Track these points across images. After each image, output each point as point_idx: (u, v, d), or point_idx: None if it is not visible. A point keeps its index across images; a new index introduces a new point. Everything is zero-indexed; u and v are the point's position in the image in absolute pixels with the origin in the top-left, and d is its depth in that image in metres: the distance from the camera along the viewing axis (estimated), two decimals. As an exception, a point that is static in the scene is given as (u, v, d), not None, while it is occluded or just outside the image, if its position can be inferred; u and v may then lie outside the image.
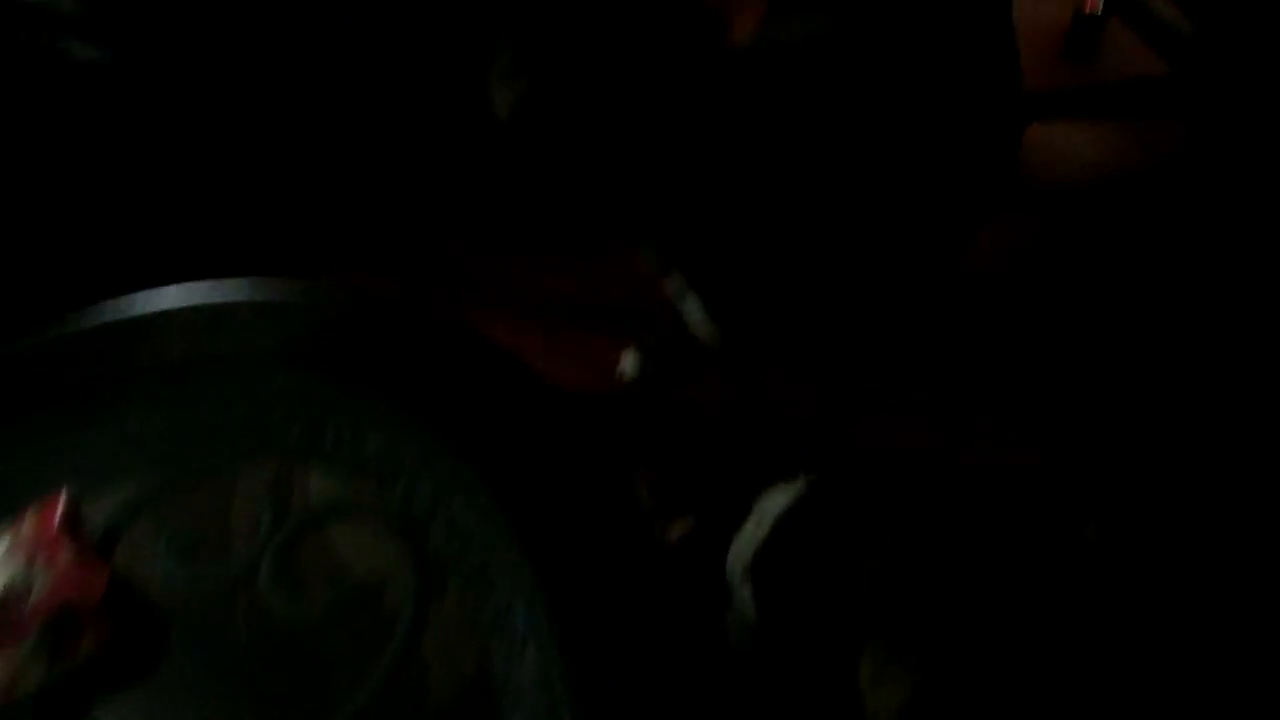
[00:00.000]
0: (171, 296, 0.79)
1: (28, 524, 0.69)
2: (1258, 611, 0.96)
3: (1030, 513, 1.16)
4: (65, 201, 1.22)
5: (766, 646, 1.04)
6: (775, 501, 1.01)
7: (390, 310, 0.80)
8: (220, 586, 0.70)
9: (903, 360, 1.44)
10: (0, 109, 1.15)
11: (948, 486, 1.30)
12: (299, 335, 0.78)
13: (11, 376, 0.78)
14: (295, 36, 1.28)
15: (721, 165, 1.01)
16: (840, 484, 1.02)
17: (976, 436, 1.37)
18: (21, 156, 1.15)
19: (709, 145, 0.99)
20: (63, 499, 0.70)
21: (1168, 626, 0.93)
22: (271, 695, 0.66)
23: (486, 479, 0.72)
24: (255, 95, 1.29)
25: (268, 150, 1.37)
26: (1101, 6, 1.87)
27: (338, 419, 0.76)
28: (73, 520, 0.70)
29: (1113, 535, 1.09)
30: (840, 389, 1.40)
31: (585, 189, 1.12)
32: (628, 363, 1.39)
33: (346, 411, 0.76)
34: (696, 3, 1.12)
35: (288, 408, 0.77)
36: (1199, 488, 1.31)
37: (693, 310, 1.14)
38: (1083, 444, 1.38)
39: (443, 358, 0.78)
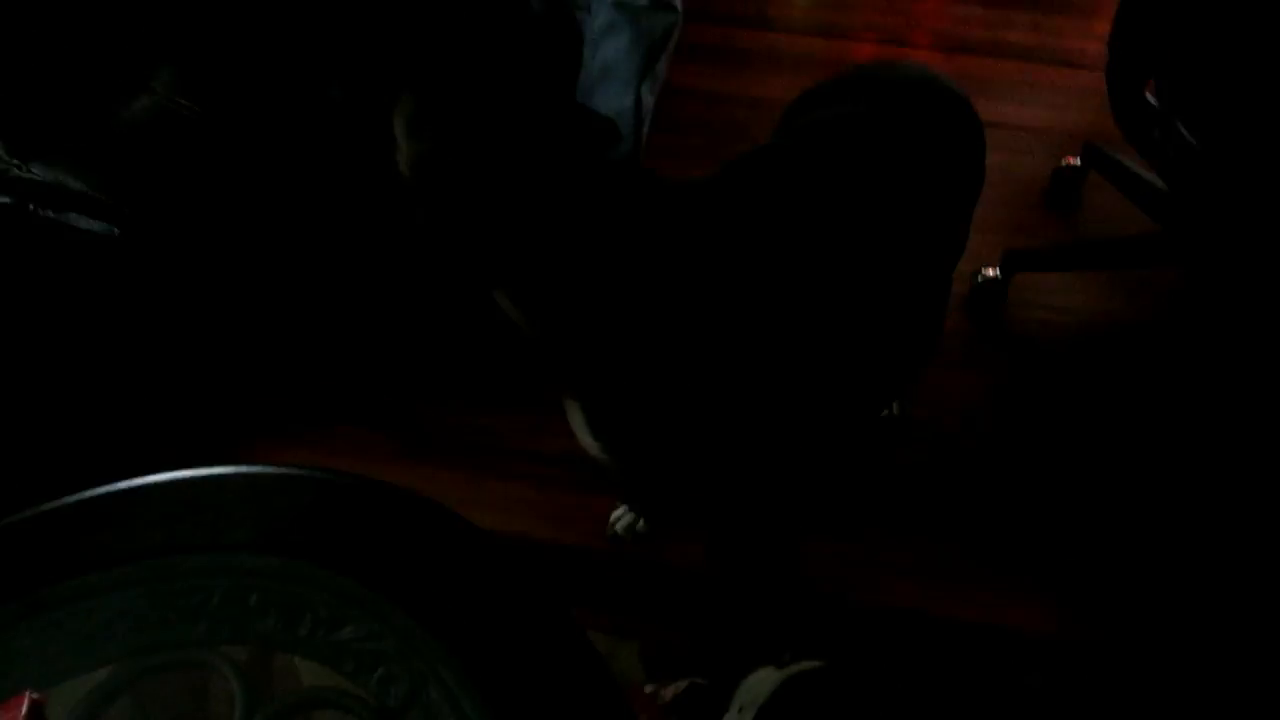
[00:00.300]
0: (152, 483, 0.79)
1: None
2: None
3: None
4: (65, 377, 1.24)
5: None
6: (757, 689, 0.98)
7: (369, 494, 0.80)
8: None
9: (879, 518, 1.43)
10: (3, 280, 1.18)
11: (940, 647, 1.27)
12: (278, 522, 0.78)
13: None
14: (294, 219, 1.34)
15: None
16: (820, 659, 0.98)
17: (968, 597, 1.35)
18: (24, 330, 1.18)
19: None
20: (25, 703, 0.68)
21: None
22: None
23: (465, 670, 0.70)
24: (254, 270, 1.34)
25: (263, 317, 1.40)
26: (1080, 160, 1.94)
27: (315, 604, 0.75)
28: (36, 720, 0.68)
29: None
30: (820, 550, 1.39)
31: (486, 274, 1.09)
32: (619, 520, 1.38)
33: (324, 597, 0.75)
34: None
35: (264, 593, 0.76)
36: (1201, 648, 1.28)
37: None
38: (1080, 602, 1.36)
39: (421, 543, 0.78)
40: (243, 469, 0.80)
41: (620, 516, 1.38)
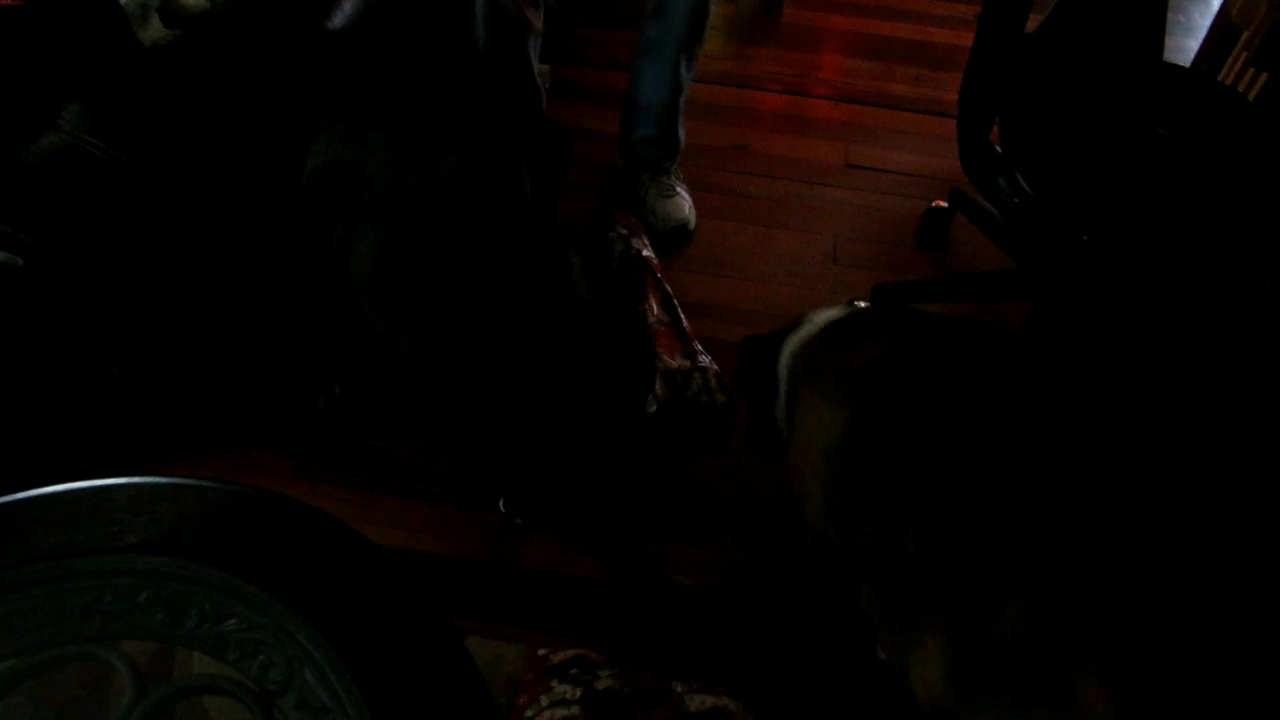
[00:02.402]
0: (48, 493, 0.86)
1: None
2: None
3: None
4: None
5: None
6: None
7: (251, 501, 0.88)
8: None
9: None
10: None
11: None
12: (166, 526, 0.85)
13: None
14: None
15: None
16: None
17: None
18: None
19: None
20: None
21: None
22: None
23: (337, 654, 0.78)
24: (159, 301, 1.40)
25: (167, 345, 1.46)
26: (948, 202, 2.11)
27: (200, 600, 0.82)
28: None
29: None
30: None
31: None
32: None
33: (208, 593, 0.83)
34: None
35: (153, 591, 0.83)
36: None
37: None
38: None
39: (300, 543, 0.86)
40: (134, 479, 0.87)
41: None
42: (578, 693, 1.24)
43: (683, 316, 1.77)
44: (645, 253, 1.86)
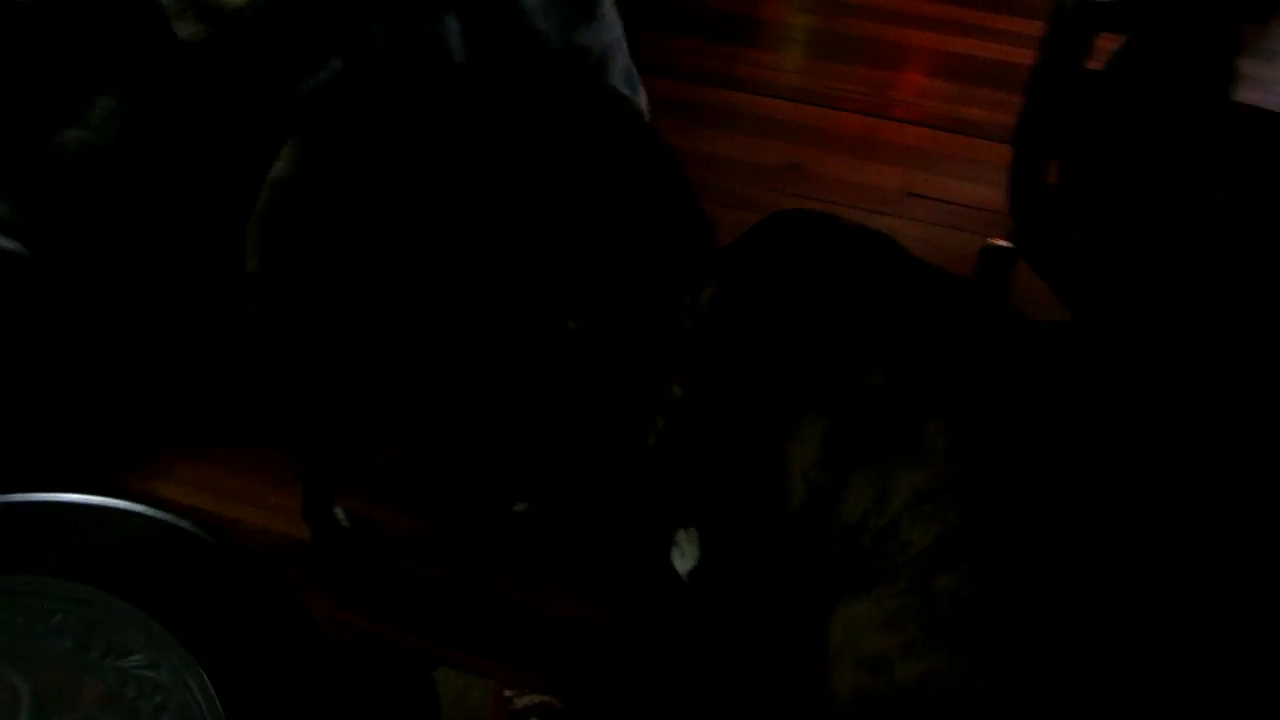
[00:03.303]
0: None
1: None
2: None
3: None
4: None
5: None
6: None
7: (179, 537, 0.86)
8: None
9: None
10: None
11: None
12: (91, 551, 0.84)
13: None
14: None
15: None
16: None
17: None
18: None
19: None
20: None
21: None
22: None
23: (225, 706, 0.75)
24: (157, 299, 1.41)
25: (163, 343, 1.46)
26: (1010, 242, 1.98)
27: (108, 632, 0.81)
28: None
29: None
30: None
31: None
32: None
33: (118, 625, 0.81)
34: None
35: (66, 616, 0.82)
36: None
37: None
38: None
39: (216, 584, 0.84)
40: (64, 497, 0.86)
41: None
42: (536, 742, 1.20)
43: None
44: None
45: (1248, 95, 1.44)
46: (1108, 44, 1.42)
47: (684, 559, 1.42)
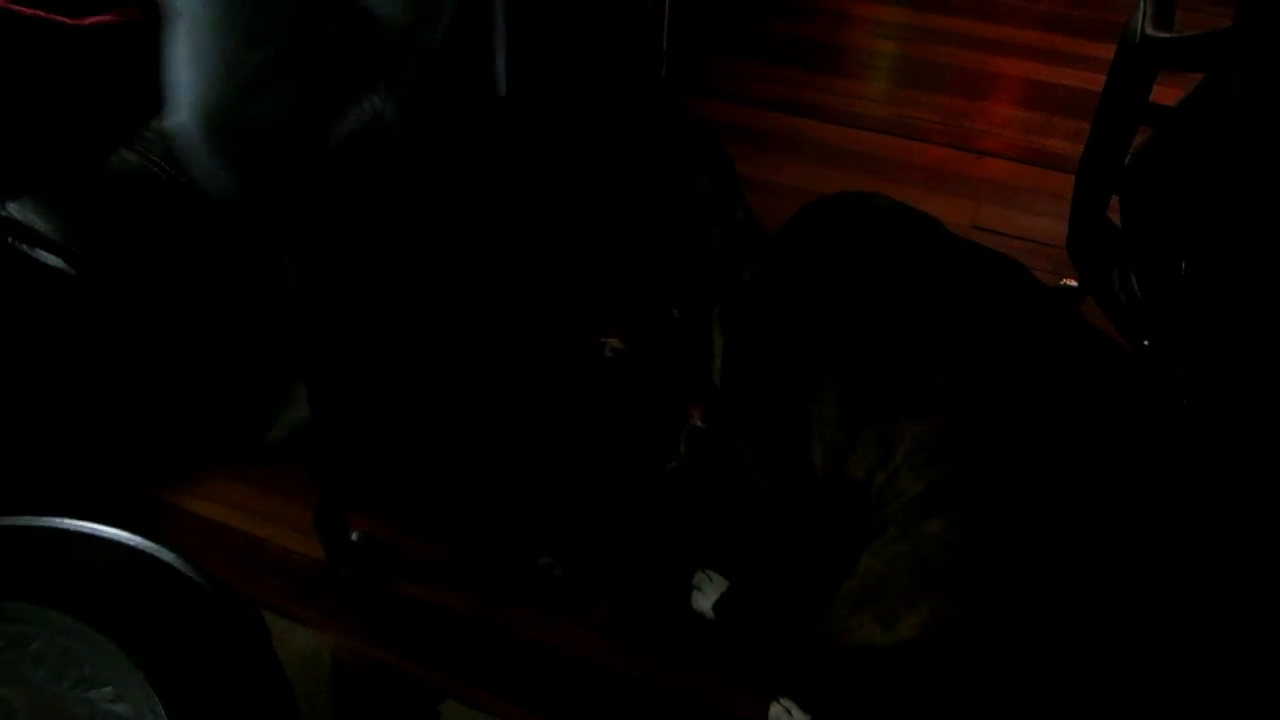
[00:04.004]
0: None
1: None
2: None
3: None
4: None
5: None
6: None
7: (158, 570, 0.86)
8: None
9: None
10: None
11: None
12: (72, 578, 0.85)
13: None
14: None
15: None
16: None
17: None
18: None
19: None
20: None
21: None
22: None
23: None
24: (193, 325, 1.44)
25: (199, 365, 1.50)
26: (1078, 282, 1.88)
27: (80, 662, 0.82)
28: None
29: None
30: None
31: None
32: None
33: (92, 656, 0.82)
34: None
35: (44, 644, 0.83)
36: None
37: None
38: None
39: (189, 621, 0.84)
40: (50, 521, 0.88)
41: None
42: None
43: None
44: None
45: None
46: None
47: (706, 596, 1.38)
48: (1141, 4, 1.29)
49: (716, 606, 1.37)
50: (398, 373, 1.45)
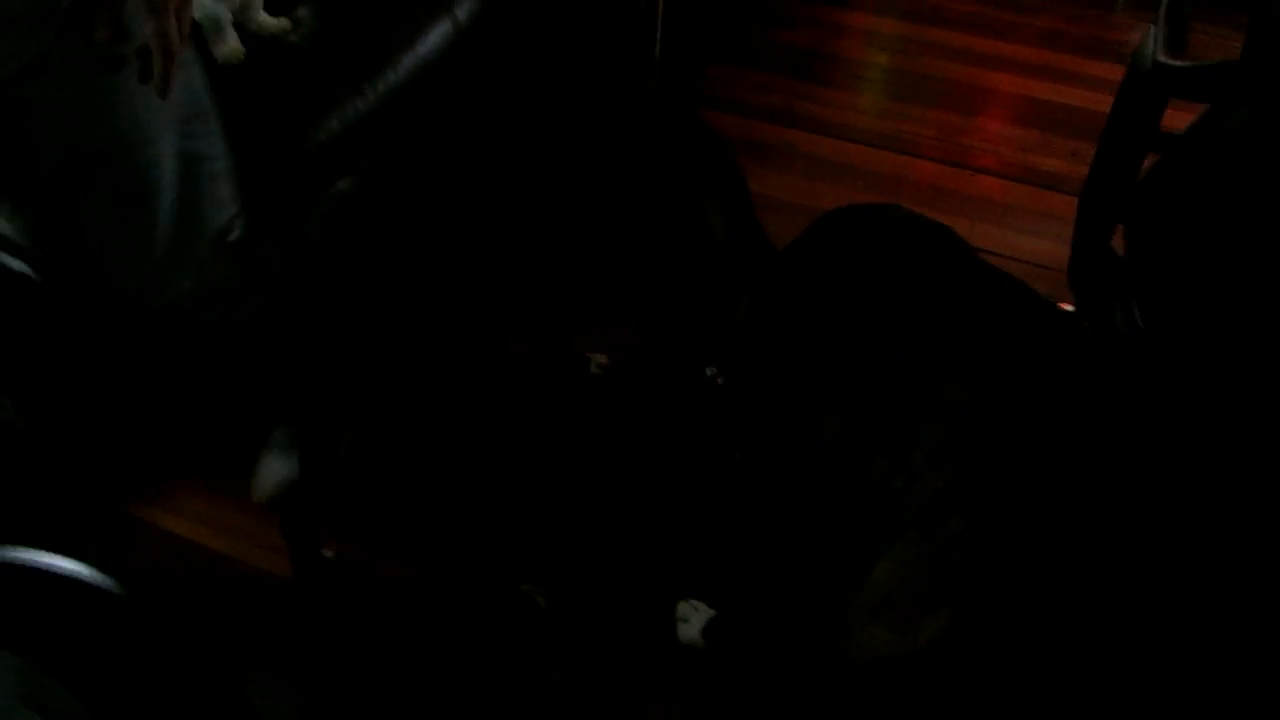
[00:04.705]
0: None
1: None
2: None
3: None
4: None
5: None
6: None
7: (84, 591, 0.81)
8: None
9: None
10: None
11: None
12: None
13: None
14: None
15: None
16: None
17: None
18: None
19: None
20: None
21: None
22: None
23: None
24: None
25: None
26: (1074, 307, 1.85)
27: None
28: None
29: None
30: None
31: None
32: None
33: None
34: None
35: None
36: None
37: None
38: None
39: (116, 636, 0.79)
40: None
41: None
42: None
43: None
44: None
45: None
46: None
47: (692, 626, 1.35)
48: (1153, 28, 1.26)
49: (705, 632, 1.33)
50: (389, 374, 1.41)
